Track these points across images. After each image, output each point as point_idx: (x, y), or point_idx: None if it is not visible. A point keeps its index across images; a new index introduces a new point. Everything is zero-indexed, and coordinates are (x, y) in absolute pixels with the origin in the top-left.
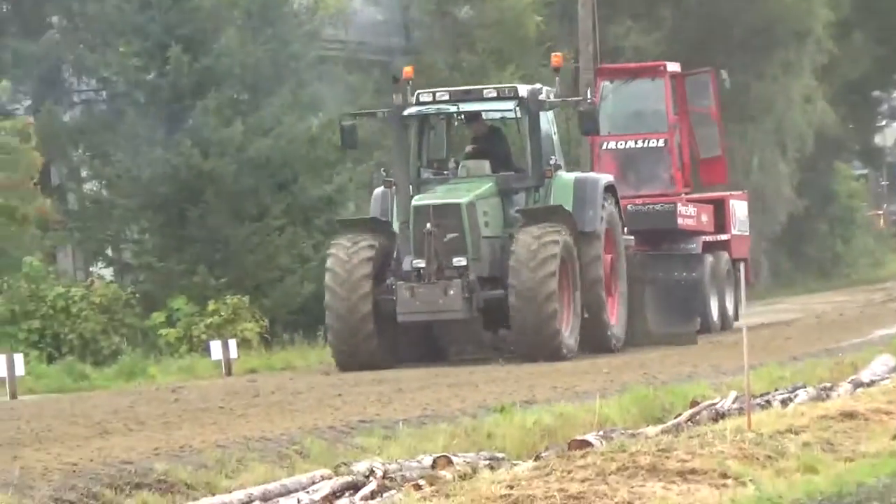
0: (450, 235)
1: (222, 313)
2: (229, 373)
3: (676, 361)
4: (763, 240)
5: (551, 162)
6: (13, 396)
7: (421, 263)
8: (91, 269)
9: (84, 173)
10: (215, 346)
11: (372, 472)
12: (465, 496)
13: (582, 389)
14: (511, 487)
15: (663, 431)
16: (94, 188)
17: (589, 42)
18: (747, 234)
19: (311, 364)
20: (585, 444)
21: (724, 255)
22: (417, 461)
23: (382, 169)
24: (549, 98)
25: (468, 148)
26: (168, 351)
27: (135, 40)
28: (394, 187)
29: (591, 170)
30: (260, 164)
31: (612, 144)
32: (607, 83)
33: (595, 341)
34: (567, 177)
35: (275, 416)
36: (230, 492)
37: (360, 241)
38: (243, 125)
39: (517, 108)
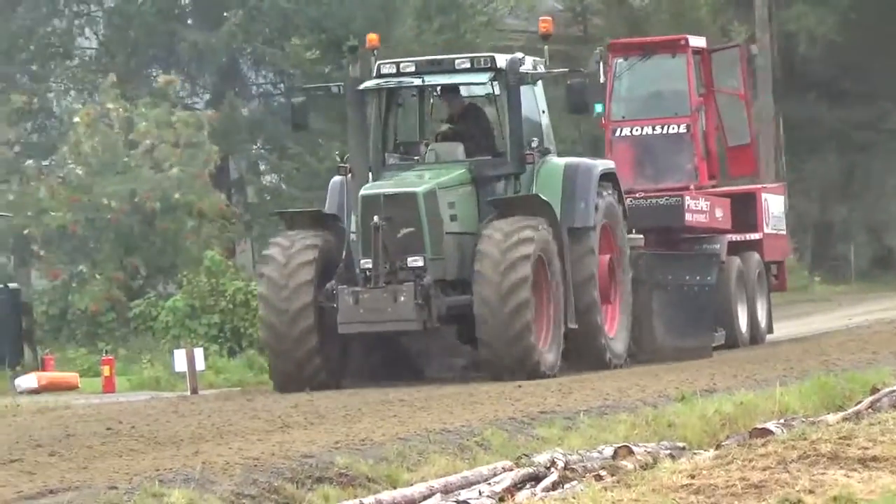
0: (404, 231)
1: None
2: None
3: (856, 348)
4: None
5: (534, 145)
6: (194, 391)
7: (368, 264)
8: None
9: (262, 167)
10: None
11: (553, 463)
12: (646, 486)
13: (762, 377)
14: (692, 477)
15: (844, 419)
16: (272, 181)
17: (765, 29)
18: (784, 232)
19: None
20: (766, 432)
21: (755, 257)
22: (598, 451)
23: (336, 153)
24: (534, 69)
25: (441, 129)
26: None
27: (310, 34)
28: (350, 175)
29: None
30: None
31: (626, 130)
32: (621, 60)
33: (586, 354)
34: (557, 162)
35: (455, 407)
36: (411, 485)
37: (301, 241)
38: None
39: (493, 82)
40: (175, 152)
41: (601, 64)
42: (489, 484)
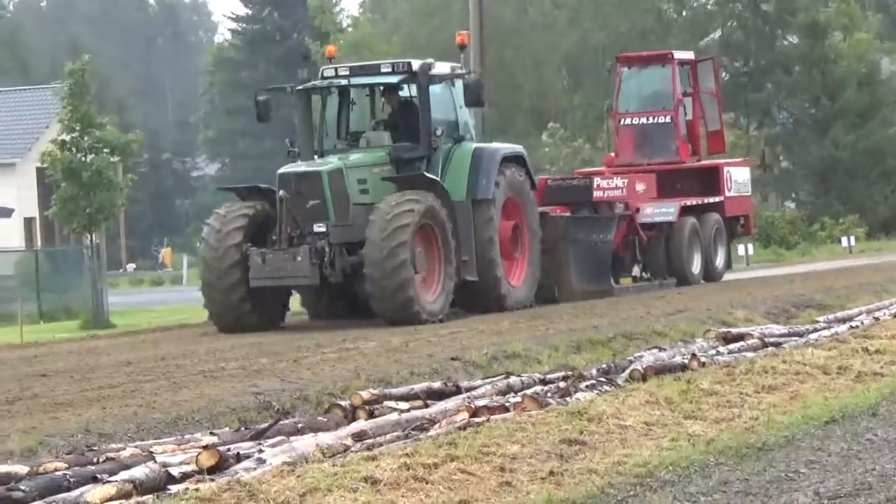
0: (312, 202)
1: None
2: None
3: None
4: None
5: (438, 133)
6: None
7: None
8: None
9: None
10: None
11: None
12: None
13: None
14: None
15: None
16: None
17: None
18: (748, 194)
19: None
20: None
21: (713, 216)
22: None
23: (287, 140)
24: (450, 72)
25: (376, 120)
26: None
27: None
28: (298, 158)
29: (612, 143)
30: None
31: (629, 120)
32: (626, 69)
33: (486, 301)
34: (469, 147)
35: (874, 273)
36: (850, 309)
37: (236, 210)
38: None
39: (409, 83)
40: None
41: (611, 72)
42: (889, 308)
